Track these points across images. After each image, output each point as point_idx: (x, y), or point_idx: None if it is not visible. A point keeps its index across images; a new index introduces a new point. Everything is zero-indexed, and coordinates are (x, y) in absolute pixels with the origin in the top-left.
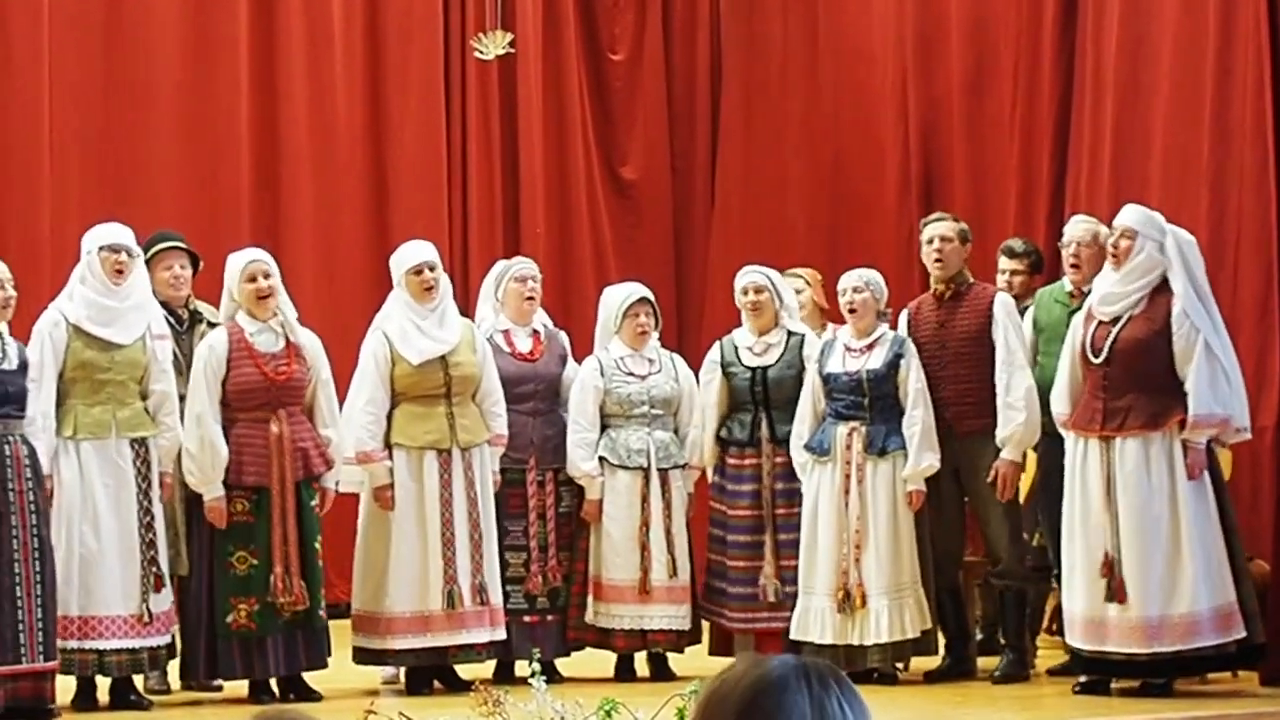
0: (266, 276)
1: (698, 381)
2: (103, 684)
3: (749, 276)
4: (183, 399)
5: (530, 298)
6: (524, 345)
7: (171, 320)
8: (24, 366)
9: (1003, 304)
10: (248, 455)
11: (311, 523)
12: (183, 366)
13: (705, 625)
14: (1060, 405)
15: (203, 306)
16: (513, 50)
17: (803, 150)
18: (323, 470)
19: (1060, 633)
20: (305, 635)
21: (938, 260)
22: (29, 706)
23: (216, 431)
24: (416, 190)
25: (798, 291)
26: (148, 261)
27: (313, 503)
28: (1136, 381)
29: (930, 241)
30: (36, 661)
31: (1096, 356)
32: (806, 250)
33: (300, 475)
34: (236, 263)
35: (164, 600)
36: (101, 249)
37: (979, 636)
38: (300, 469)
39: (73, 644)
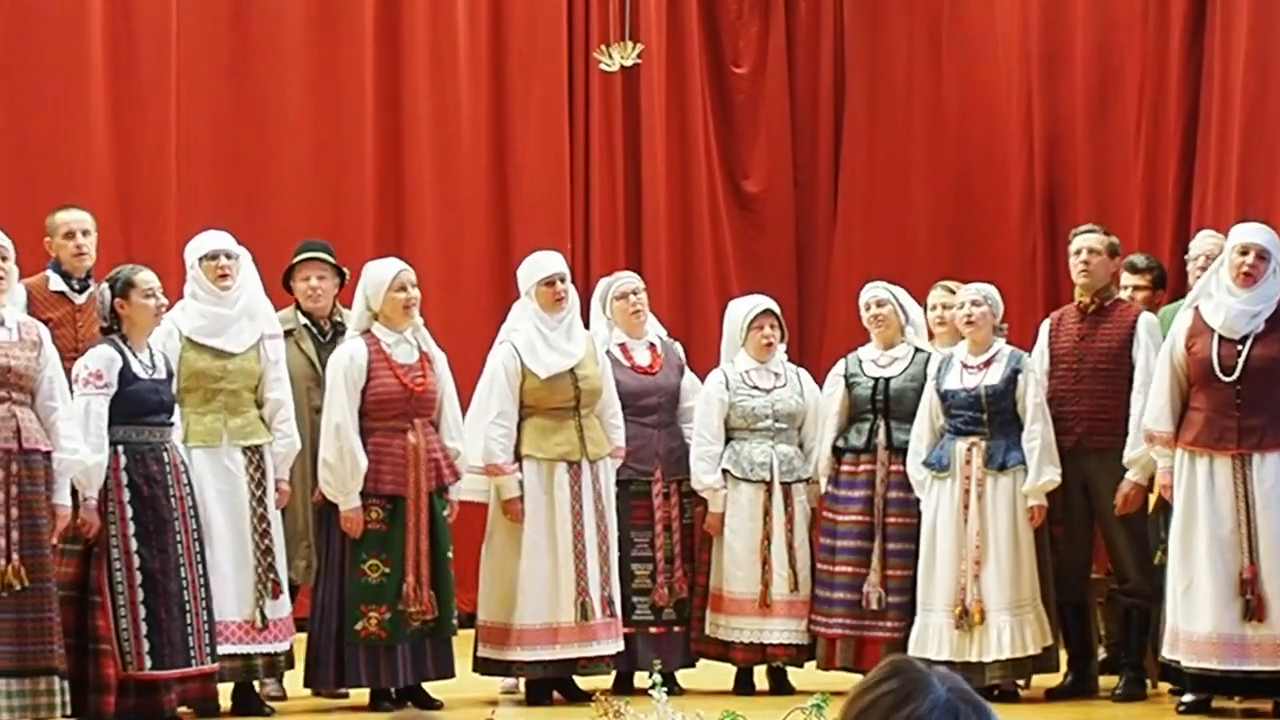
0: (415, 286)
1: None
2: (224, 690)
3: (871, 291)
4: (318, 410)
5: (636, 312)
6: (643, 359)
7: (314, 331)
8: (170, 375)
9: (1146, 324)
10: (385, 464)
11: (444, 533)
12: (321, 377)
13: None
14: (1163, 424)
15: (347, 316)
16: (639, 61)
17: (926, 164)
18: (452, 481)
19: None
20: (434, 645)
21: (1084, 272)
22: (198, 707)
23: (356, 442)
24: (539, 203)
25: (945, 307)
26: (291, 270)
27: (445, 513)
28: (1270, 398)
29: (1078, 253)
30: (205, 664)
31: (1227, 375)
32: (929, 264)
33: (433, 485)
34: (383, 272)
35: (281, 607)
36: (202, 259)
37: (1102, 655)
38: (433, 479)
39: None
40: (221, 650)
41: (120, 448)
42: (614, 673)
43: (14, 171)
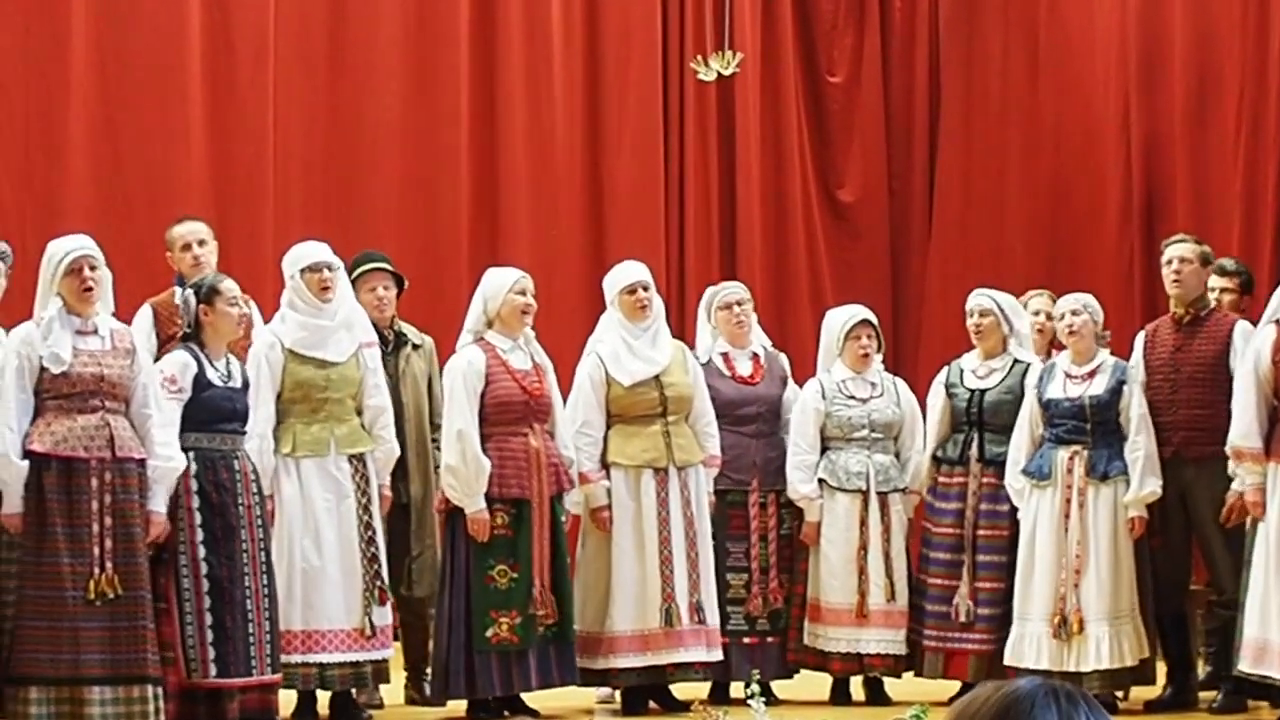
0: (533, 294)
1: (920, 405)
2: (322, 698)
3: (975, 300)
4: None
5: (740, 322)
6: (744, 368)
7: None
8: (246, 386)
9: (1243, 332)
10: (509, 468)
11: (563, 539)
12: (388, 385)
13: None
14: (1251, 440)
15: (406, 328)
16: (739, 70)
17: (1022, 172)
18: (568, 488)
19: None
20: (558, 650)
21: (1175, 281)
22: (257, 718)
23: (479, 446)
24: (633, 212)
25: (1046, 315)
26: (354, 282)
27: (563, 518)
28: None
29: (1169, 263)
30: (265, 674)
31: None
32: (1025, 273)
33: (554, 489)
34: (504, 276)
35: (386, 614)
36: (304, 271)
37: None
38: (553, 483)
39: (296, 658)
40: (331, 658)
41: (191, 454)
42: (708, 681)
43: (111, 183)
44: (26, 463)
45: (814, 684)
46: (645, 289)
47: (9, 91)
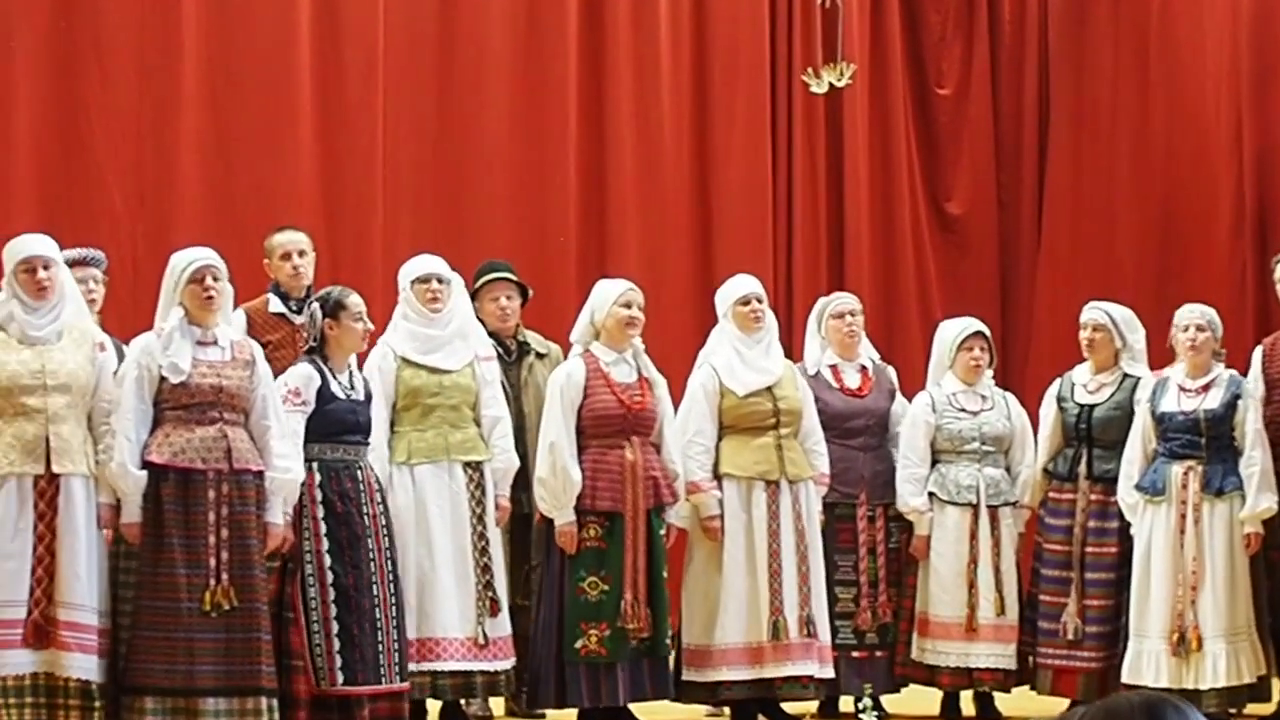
0: (641, 308)
1: (1030, 419)
2: (433, 707)
3: (1089, 313)
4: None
5: (851, 332)
6: (852, 381)
7: (500, 350)
8: (369, 398)
9: None
10: (602, 481)
11: (659, 552)
12: (510, 395)
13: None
14: None
15: (531, 336)
16: (851, 81)
17: (1132, 185)
18: (670, 501)
19: None
20: (651, 664)
21: None
22: None
23: (571, 458)
24: (741, 224)
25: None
26: (476, 291)
27: (661, 532)
28: None
29: None
30: (394, 682)
31: None
32: (1135, 287)
33: (651, 503)
34: (612, 288)
35: (501, 625)
36: (414, 282)
37: None
38: (651, 497)
39: (411, 666)
40: (443, 667)
41: (315, 465)
42: (818, 697)
43: (221, 198)
44: (145, 473)
45: (923, 698)
46: (759, 301)
47: (121, 107)
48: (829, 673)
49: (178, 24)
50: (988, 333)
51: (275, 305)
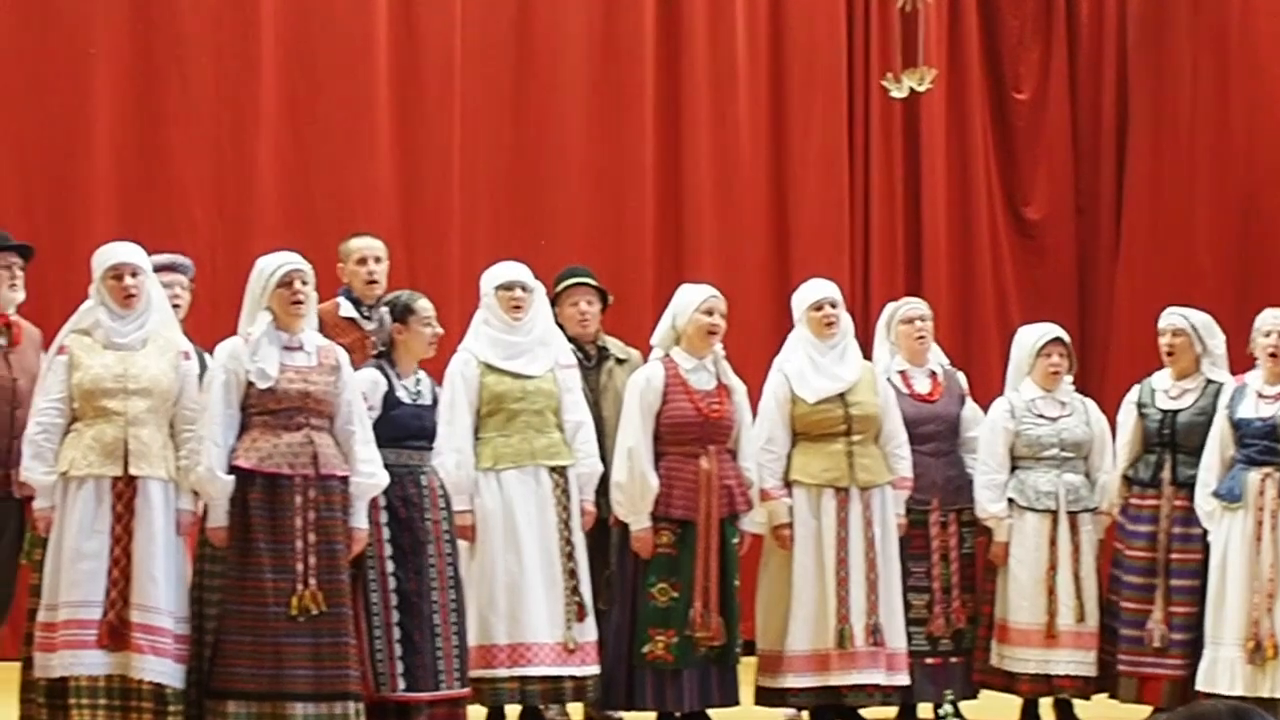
0: (723, 315)
1: (1109, 425)
2: (511, 713)
3: (1167, 319)
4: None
5: (921, 338)
6: (922, 386)
7: (579, 355)
8: (435, 402)
9: None
10: (677, 489)
11: (732, 560)
12: (589, 400)
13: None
14: None
15: (610, 342)
16: (932, 86)
17: (1212, 187)
18: (745, 510)
19: None
20: (720, 671)
21: None
22: None
23: (648, 464)
24: (818, 229)
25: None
26: (557, 297)
27: (734, 540)
28: None
29: None
30: (453, 688)
31: None
32: (1215, 291)
33: (725, 512)
34: (694, 294)
35: (588, 631)
36: (498, 288)
37: None
38: (725, 505)
39: (502, 671)
40: (533, 671)
41: None
42: (887, 705)
43: (299, 204)
44: (232, 478)
45: (1000, 705)
46: (833, 306)
47: (200, 114)
48: (900, 680)
49: (256, 32)
50: (1067, 338)
51: (346, 309)
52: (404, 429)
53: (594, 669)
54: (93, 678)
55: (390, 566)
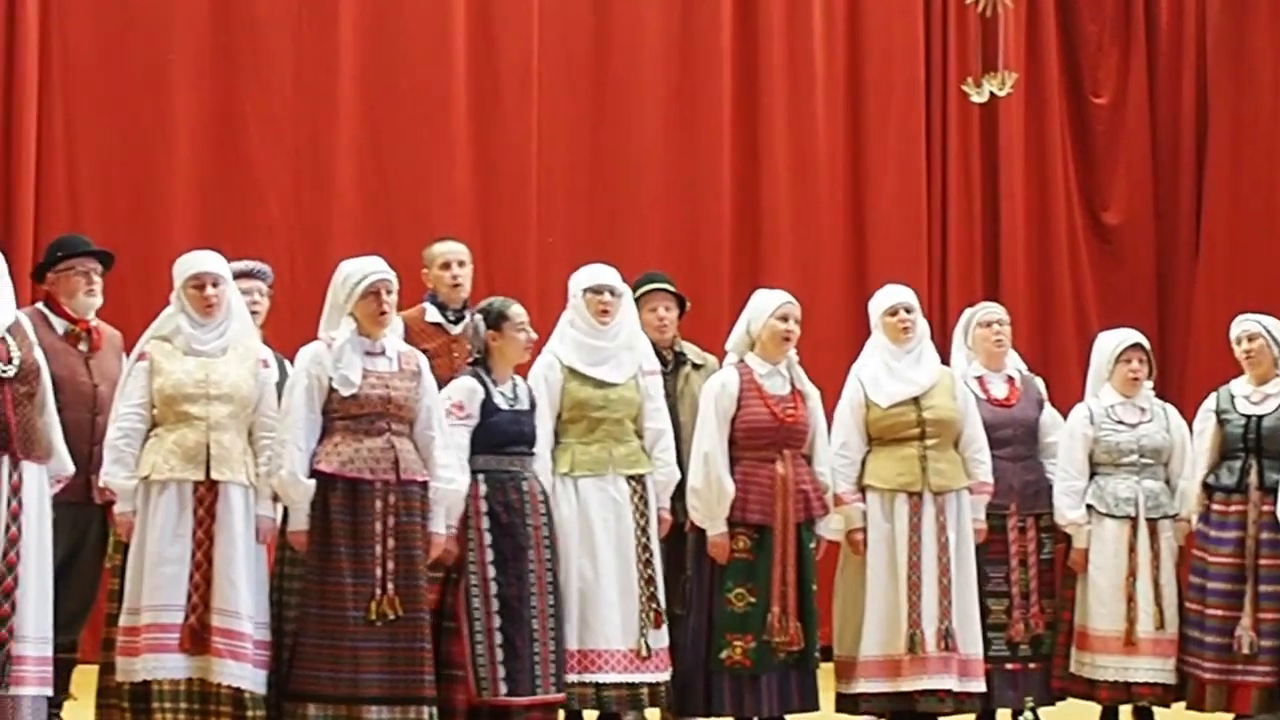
0: (797, 321)
1: (1189, 431)
2: (589, 717)
3: (1242, 325)
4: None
5: (998, 342)
6: (999, 391)
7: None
8: (534, 406)
9: None
10: (753, 493)
11: (809, 565)
12: (667, 406)
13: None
14: None
15: (687, 347)
16: (1012, 90)
17: None
18: (821, 514)
19: None
20: (799, 676)
21: None
22: None
23: (724, 469)
24: (896, 234)
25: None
26: (635, 302)
27: (811, 545)
28: None
29: None
30: (550, 693)
31: None
32: None
33: (801, 516)
34: (769, 300)
35: (662, 637)
36: (586, 291)
37: None
38: (801, 510)
39: (572, 677)
40: (607, 679)
41: (480, 476)
42: (956, 708)
43: (377, 208)
44: (313, 482)
45: (1080, 712)
46: (908, 311)
47: (279, 120)
48: (973, 687)
49: (334, 37)
50: (1147, 344)
51: (432, 315)
52: (503, 435)
53: (666, 675)
54: (174, 681)
55: (492, 572)
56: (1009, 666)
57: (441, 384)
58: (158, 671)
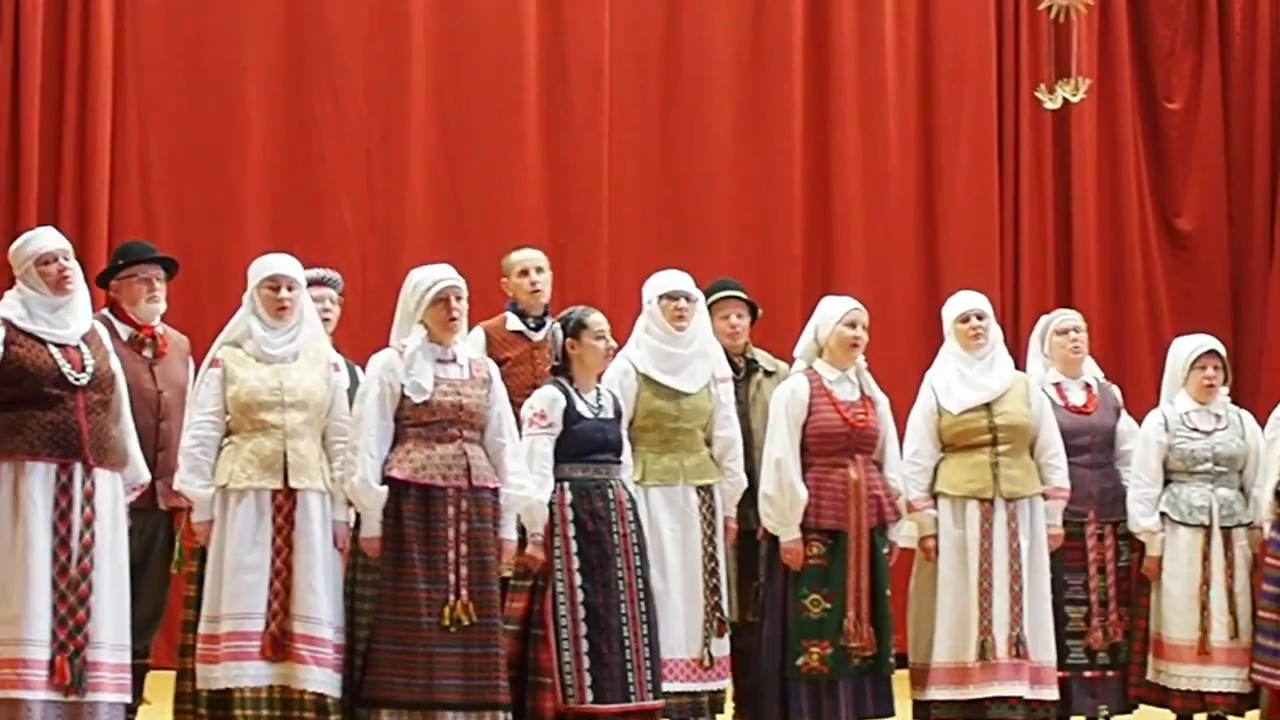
0: (864, 328)
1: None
2: None
3: None
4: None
5: (1076, 347)
6: (1077, 398)
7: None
8: (619, 416)
9: None
10: (826, 499)
11: (883, 570)
12: (738, 412)
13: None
14: None
15: (759, 354)
16: (1085, 96)
17: None
18: (893, 519)
19: None
20: (874, 682)
21: None
22: None
23: (796, 475)
24: (968, 241)
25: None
26: (707, 309)
27: (884, 550)
28: None
29: None
30: (645, 700)
31: None
32: None
33: (874, 521)
34: (836, 307)
35: (724, 646)
36: (661, 297)
37: None
38: (874, 515)
39: None
40: (672, 688)
41: (566, 485)
42: (1028, 715)
43: (449, 215)
44: (386, 488)
45: None
46: (980, 318)
47: (352, 127)
48: (1046, 694)
49: (407, 44)
50: (1222, 351)
51: (513, 323)
52: (588, 443)
53: (726, 683)
54: (256, 689)
55: (578, 580)
56: (1087, 674)
57: (525, 393)
58: (240, 679)
